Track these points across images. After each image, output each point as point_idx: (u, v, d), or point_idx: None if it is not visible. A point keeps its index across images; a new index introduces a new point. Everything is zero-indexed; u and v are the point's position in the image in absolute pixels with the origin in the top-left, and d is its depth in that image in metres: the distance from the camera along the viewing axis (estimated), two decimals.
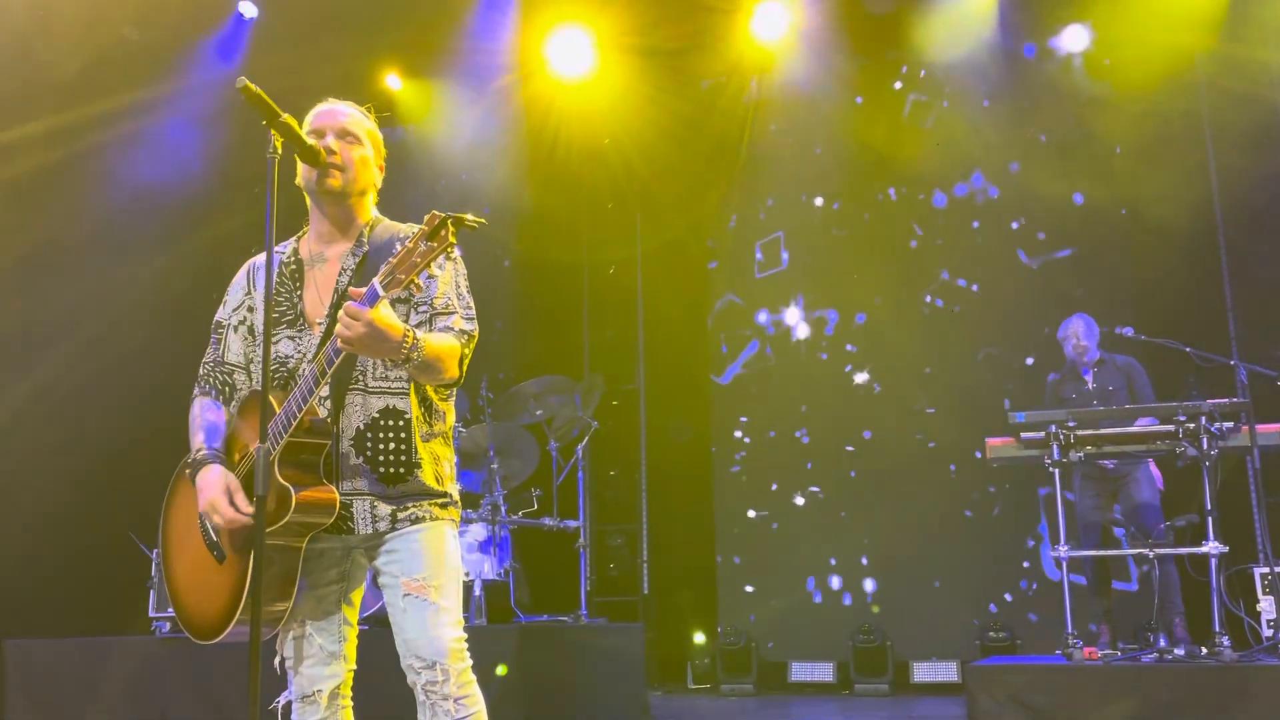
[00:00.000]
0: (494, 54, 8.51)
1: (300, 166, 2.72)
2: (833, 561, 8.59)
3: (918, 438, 8.46)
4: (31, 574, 6.74)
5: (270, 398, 2.55)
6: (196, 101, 7.56)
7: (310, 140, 2.64)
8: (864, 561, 8.51)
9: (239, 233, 7.76)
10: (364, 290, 2.39)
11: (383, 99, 8.83)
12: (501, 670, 5.02)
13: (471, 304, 2.72)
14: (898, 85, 8.89)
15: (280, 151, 2.47)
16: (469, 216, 2.36)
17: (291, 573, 2.56)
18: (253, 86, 2.41)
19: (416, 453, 2.64)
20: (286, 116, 2.47)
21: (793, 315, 9.03)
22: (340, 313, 2.38)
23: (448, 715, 2.54)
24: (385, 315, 2.39)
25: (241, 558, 2.54)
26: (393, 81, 9.02)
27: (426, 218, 2.36)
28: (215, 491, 2.53)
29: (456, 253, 2.47)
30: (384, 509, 2.62)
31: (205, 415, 2.71)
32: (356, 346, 2.40)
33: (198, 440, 2.66)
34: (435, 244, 2.33)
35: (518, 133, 9.07)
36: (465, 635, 2.60)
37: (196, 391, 2.78)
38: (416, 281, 2.36)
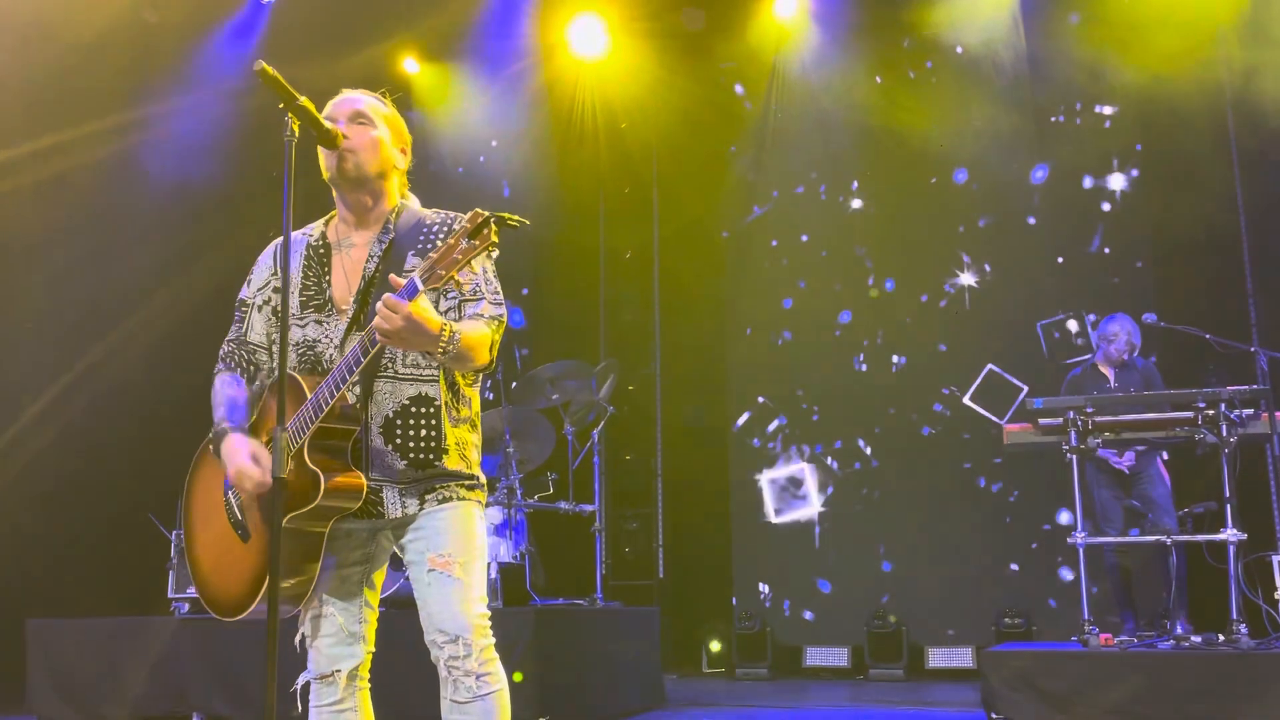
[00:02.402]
0: (511, 38, 8.51)
1: (322, 157, 2.69)
2: (848, 546, 8.59)
3: (936, 422, 8.44)
4: (53, 554, 6.81)
5: (301, 379, 2.55)
6: (214, 84, 7.57)
7: (328, 124, 2.62)
8: (880, 546, 8.50)
9: (259, 216, 7.77)
10: (404, 282, 2.38)
11: (400, 83, 8.82)
12: (517, 677, 5.02)
13: (499, 289, 2.70)
14: (913, 69, 8.82)
15: (297, 134, 2.45)
16: (512, 216, 2.36)
17: (314, 553, 2.56)
18: (270, 69, 2.39)
19: (445, 438, 2.64)
20: (304, 99, 2.45)
21: (811, 299, 9.00)
22: (379, 305, 2.37)
23: (469, 691, 2.54)
24: (424, 309, 2.39)
25: (267, 535, 2.55)
26: (410, 65, 9.02)
27: (470, 215, 2.36)
28: (242, 458, 2.52)
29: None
30: (413, 492, 2.62)
31: (225, 390, 2.70)
32: (394, 339, 2.40)
33: (219, 414, 2.66)
34: (478, 242, 2.34)
35: (534, 117, 9.06)
36: (489, 613, 2.61)
37: (219, 368, 2.76)
38: (456, 278, 2.37)
